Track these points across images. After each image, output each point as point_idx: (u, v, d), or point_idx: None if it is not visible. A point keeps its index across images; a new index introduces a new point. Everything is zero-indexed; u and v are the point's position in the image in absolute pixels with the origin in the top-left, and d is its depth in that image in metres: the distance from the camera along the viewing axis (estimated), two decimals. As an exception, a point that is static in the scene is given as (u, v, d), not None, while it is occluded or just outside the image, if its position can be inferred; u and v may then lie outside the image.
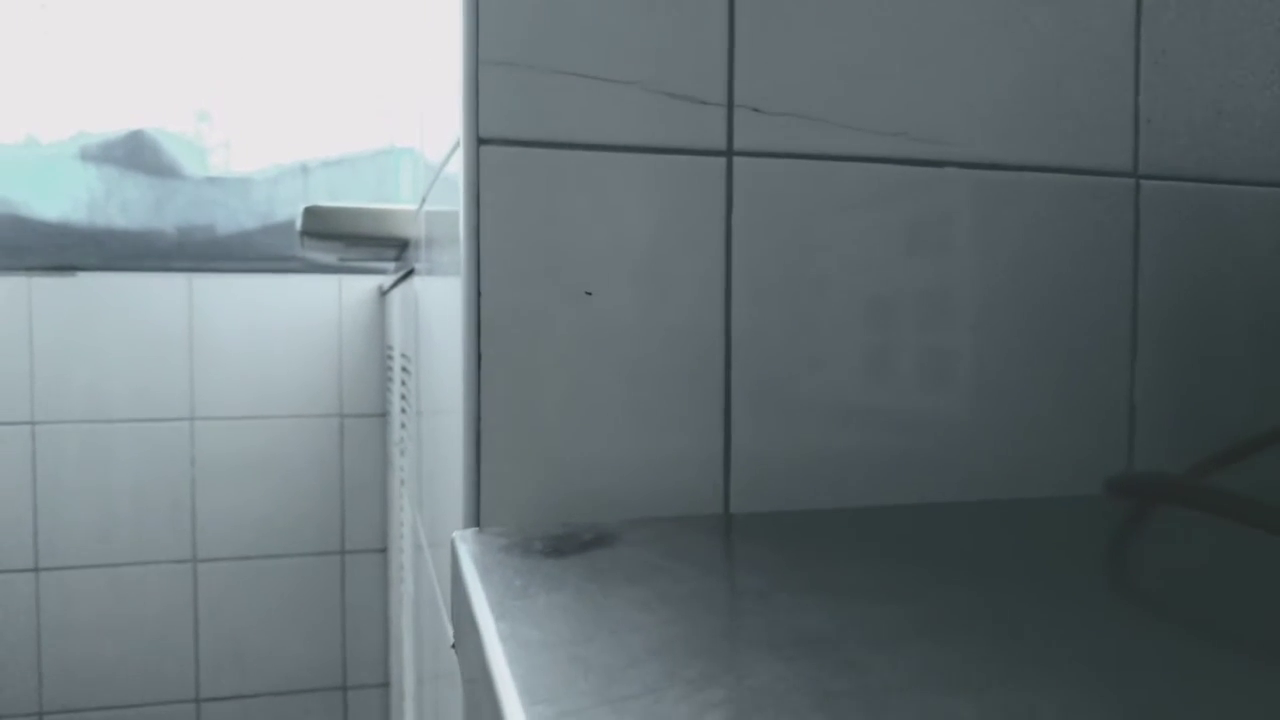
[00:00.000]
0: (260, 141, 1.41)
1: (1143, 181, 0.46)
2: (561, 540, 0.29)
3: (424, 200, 0.68)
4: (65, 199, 1.34)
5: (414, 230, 0.82)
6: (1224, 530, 0.24)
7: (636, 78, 0.39)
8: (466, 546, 0.29)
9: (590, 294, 0.39)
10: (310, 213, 0.89)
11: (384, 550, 1.48)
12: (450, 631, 0.33)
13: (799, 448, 0.41)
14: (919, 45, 0.42)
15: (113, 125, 1.35)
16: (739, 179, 0.40)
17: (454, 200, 0.41)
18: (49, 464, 1.35)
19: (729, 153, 0.40)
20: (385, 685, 1.48)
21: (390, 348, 1.23)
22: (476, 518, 0.36)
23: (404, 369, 0.95)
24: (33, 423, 1.34)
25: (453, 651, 0.30)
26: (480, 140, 0.38)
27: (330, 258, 1.14)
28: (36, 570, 1.35)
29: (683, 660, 0.20)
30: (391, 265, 1.15)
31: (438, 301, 0.54)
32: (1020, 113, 0.44)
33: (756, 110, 0.40)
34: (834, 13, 0.41)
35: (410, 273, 0.86)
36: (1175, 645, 0.22)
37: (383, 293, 1.41)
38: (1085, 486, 0.45)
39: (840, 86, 0.41)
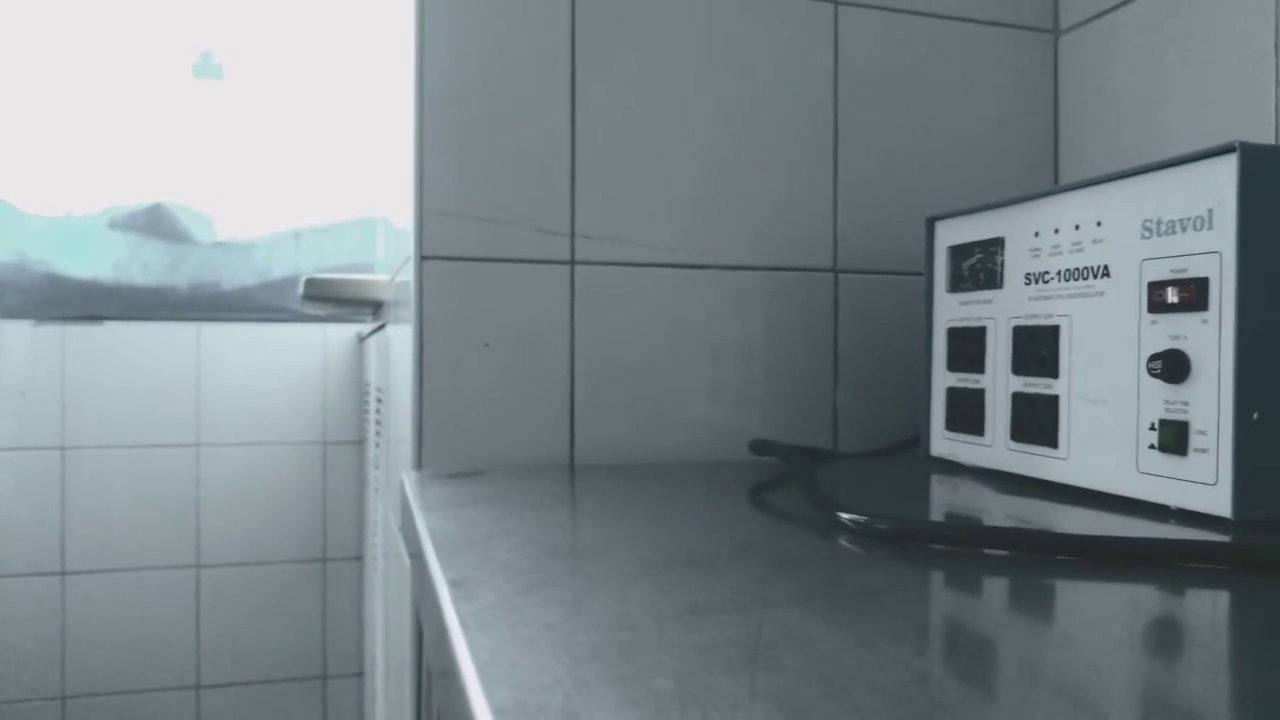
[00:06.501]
0: (259, 212, 1.68)
1: (840, 274, 0.75)
2: (457, 474, 0.56)
3: (395, 274, 0.95)
4: (96, 261, 1.59)
5: (388, 294, 1.09)
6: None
7: (517, 220, 0.67)
8: (408, 477, 0.56)
9: (488, 345, 0.66)
10: (310, 282, 1.16)
11: (359, 558, 1.69)
12: (396, 523, 0.59)
13: (619, 428, 0.69)
14: (688, 199, 0.71)
15: (137, 199, 1.61)
16: (578, 277, 0.68)
17: (409, 287, 0.68)
18: (75, 483, 1.57)
19: (572, 262, 0.68)
20: (360, 674, 1.68)
21: (368, 384, 1.48)
22: (419, 466, 0.63)
23: (379, 400, 1.21)
24: (63, 448, 1.57)
25: (400, 533, 0.56)
26: (424, 257, 0.65)
27: (323, 313, 1.40)
28: (63, 574, 1.57)
29: (491, 502, 0.47)
30: (369, 317, 1.42)
31: (399, 347, 0.81)
32: (758, 235, 0.73)
33: (587, 237, 0.68)
34: (633, 184, 0.69)
35: (384, 325, 1.13)
36: (755, 517, 0.49)
37: (361, 339, 1.65)
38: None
39: (638, 224, 0.69)
